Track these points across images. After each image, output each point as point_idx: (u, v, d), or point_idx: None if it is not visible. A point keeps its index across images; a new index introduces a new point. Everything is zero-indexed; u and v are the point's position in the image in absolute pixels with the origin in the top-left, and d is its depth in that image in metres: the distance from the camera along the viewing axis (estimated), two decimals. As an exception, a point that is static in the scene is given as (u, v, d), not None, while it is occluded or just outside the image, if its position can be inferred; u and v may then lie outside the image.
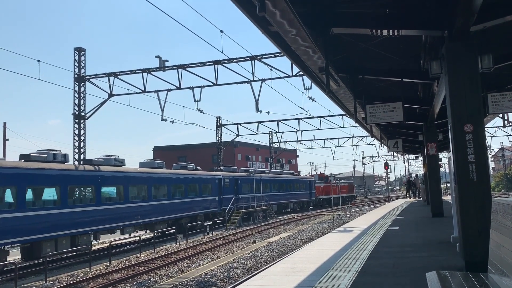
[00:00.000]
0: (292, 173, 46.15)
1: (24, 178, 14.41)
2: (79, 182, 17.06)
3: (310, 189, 45.27)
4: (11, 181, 14.04)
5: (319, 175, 52.91)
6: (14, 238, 14.08)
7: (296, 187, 42.34)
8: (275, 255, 15.09)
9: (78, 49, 25.67)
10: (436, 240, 10.29)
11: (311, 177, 49.36)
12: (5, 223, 13.58)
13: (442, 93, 8.96)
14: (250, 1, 6.01)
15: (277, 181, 38.47)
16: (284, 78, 23.66)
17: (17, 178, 14.17)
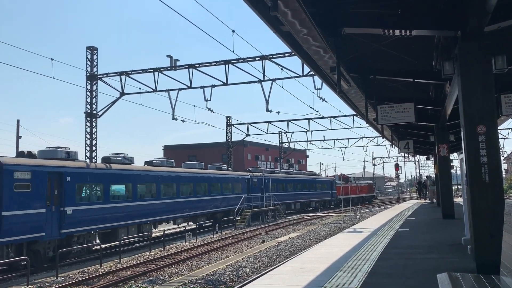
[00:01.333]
0: (314, 174, 48.72)
1: (108, 177, 17.74)
2: (144, 180, 20.14)
3: (331, 189, 47.47)
4: (100, 179, 17.33)
5: (340, 176, 54.93)
6: (101, 224, 17.28)
7: (318, 187, 44.69)
8: (284, 255, 15.09)
9: (91, 48, 25.89)
10: (447, 242, 10.20)
11: (332, 178, 51.56)
12: (95, 213, 16.84)
13: (455, 94, 8.88)
14: (262, 1, 6.02)
15: (301, 181, 40.99)
16: (294, 78, 23.62)
17: (103, 177, 17.49)
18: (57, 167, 15.50)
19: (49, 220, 14.87)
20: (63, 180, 15.57)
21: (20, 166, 14.15)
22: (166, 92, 25.62)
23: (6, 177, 13.50)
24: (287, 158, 59.04)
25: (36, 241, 14.48)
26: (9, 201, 13.52)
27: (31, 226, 14.15)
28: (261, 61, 23.35)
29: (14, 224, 13.61)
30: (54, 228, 15.10)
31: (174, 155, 53.98)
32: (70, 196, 15.75)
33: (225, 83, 24.36)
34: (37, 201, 14.51)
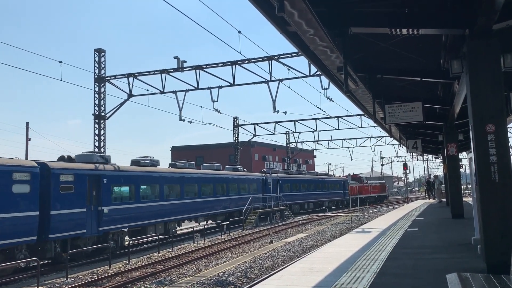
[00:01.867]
0: (327, 174, 49.66)
1: (138, 179, 19.09)
2: (170, 181, 21.47)
3: (344, 189, 48.48)
4: (131, 181, 18.70)
5: (352, 176, 55.38)
6: (133, 222, 18.59)
7: (331, 187, 45.69)
8: (292, 255, 15.07)
9: (98, 50, 26.07)
10: (456, 241, 10.13)
11: (345, 178, 52.08)
12: (128, 211, 18.21)
13: (463, 93, 8.82)
14: (268, 1, 6.02)
15: (314, 181, 42.04)
16: (301, 78, 23.60)
17: (134, 179, 18.86)
18: (95, 170, 16.96)
19: (89, 218, 16.25)
20: (100, 182, 16.95)
21: (65, 170, 15.51)
22: (173, 93, 25.74)
23: (53, 180, 14.91)
24: (295, 158, 58.96)
25: (78, 237, 15.88)
26: (56, 201, 14.91)
27: (74, 224, 15.54)
28: (268, 61, 23.36)
29: (61, 222, 14.97)
30: (93, 226, 16.48)
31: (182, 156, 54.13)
32: (106, 196, 17.17)
33: (232, 84, 24.41)
34: (79, 201, 15.90)
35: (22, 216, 13.60)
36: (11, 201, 13.38)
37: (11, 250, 13.65)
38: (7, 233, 13.12)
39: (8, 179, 13.36)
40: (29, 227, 13.83)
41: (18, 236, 13.47)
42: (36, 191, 14.19)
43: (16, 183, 13.57)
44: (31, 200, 14.00)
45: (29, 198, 13.92)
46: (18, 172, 13.70)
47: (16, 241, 13.48)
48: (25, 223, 13.72)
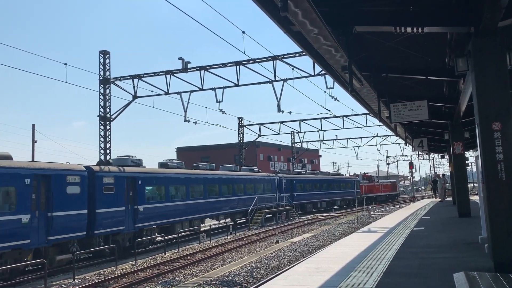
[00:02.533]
0: (338, 174, 51.69)
1: (167, 180, 20.83)
2: (194, 182, 23.29)
3: (355, 188, 49.49)
4: (162, 182, 20.43)
5: (363, 175, 56.75)
6: (163, 220, 20.23)
7: (342, 186, 46.94)
8: (298, 255, 15.06)
9: (103, 52, 26.16)
10: (463, 240, 10.08)
11: (356, 177, 53.74)
12: (159, 210, 19.88)
13: (469, 91, 8.77)
14: (272, 1, 6.02)
15: (326, 181, 43.65)
16: (306, 78, 23.55)
17: (164, 180, 20.61)
18: (132, 173, 18.62)
19: (127, 216, 17.96)
20: (135, 183, 18.63)
21: (107, 173, 17.23)
22: (178, 94, 25.77)
23: (97, 182, 16.59)
24: (300, 158, 58.83)
25: (118, 233, 17.47)
26: (100, 201, 16.57)
27: (115, 221, 17.24)
28: (272, 61, 23.33)
29: (104, 219, 16.66)
30: (131, 223, 18.21)
31: (187, 157, 54.18)
32: (141, 196, 18.84)
33: (237, 84, 24.39)
34: (119, 201, 17.58)
35: (75, 214, 15.37)
36: (66, 201, 15.09)
37: (65, 244, 15.21)
38: (63, 229, 14.87)
39: (64, 181, 15.12)
40: (80, 223, 15.61)
41: (72, 231, 15.27)
42: (85, 192, 15.95)
43: (69, 185, 15.33)
44: (81, 200, 15.73)
45: (79, 198, 15.66)
46: (70, 175, 15.43)
47: (71, 235, 15.28)
48: (77, 220, 15.50)
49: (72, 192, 15.35)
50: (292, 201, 34.91)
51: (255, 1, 6.32)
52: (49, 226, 14.41)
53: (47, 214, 14.47)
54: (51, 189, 14.62)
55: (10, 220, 13.16)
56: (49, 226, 14.41)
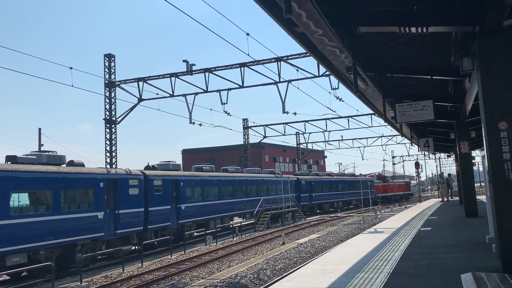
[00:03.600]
0: (353, 175, 53.65)
1: (203, 182, 23.51)
2: (225, 183, 25.69)
3: (370, 188, 50.84)
4: (198, 184, 23.13)
5: (378, 176, 58.83)
6: (200, 217, 22.67)
7: (357, 186, 48.32)
8: (304, 257, 15.03)
9: (108, 56, 26.28)
10: (470, 240, 10.02)
11: (371, 177, 56.03)
12: (197, 208, 22.44)
13: (474, 90, 8.72)
14: (275, 3, 6.02)
15: (342, 182, 45.52)
16: (310, 79, 23.55)
17: (201, 182, 23.26)
18: (175, 176, 21.24)
19: (172, 213, 20.48)
20: (178, 185, 21.15)
21: (156, 176, 19.71)
22: (183, 96, 25.86)
23: (150, 184, 19.03)
24: (305, 159, 58.76)
25: (165, 228, 19.95)
26: (152, 200, 19.01)
27: (163, 218, 19.76)
28: (277, 62, 23.36)
29: (154, 216, 19.08)
30: (175, 219, 20.73)
31: (192, 159, 54.30)
32: (183, 196, 21.38)
33: (241, 86, 24.43)
34: (165, 200, 20.05)
35: (135, 212, 17.96)
36: (128, 200, 17.66)
37: (128, 237, 17.80)
38: (127, 224, 17.49)
39: (126, 184, 17.71)
40: (139, 219, 18.17)
41: (133, 226, 17.90)
42: (142, 193, 18.47)
43: (131, 187, 17.87)
44: (139, 200, 18.30)
45: (138, 198, 18.22)
46: (131, 179, 18.03)
47: (133, 230, 17.90)
48: (137, 216, 18.04)
49: (133, 193, 18.01)
50: (311, 201, 37.85)
51: (258, 3, 6.33)
52: (116, 222, 17.07)
53: (115, 212, 17.10)
54: (118, 191, 17.29)
55: (89, 216, 15.91)
56: (117, 222, 17.08)
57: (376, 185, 53.69)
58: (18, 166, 13.77)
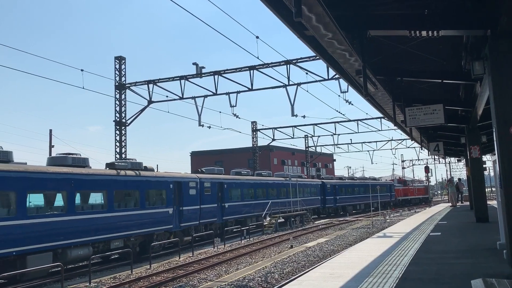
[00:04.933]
0: (375, 179, 56.01)
1: (242, 185, 26.61)
2: (260, 186, 28.89)
3: (390, 191, 53.85)
4: (239, 186, 26.28)
5: (398, 179, 62.01)
6: (240, 215, 25.98)
7: (378, 190, 50.74)
8: (313, 260, 14.97)
9: (119, 58, 26.50)
10: (481, 246, 9.91)
11: (391, 181, 59.36)
12: (237, 207, 25.75)
13: (486, 94, 8.66)
14: (285, 7, 6.04)
15: (364, 185, 47.76)
16: (320, 82, 23.52)
17: (240, 185, 26.49)
18: (220, 179, 24.38)
19: (218, 211, 23.61)
20: (223, 187, 24.28)
21: (206, 179, 22.97)
22: (192, 99, 25.97)
23: (201, 186, 22.28)
24: (314, 162, 58.59)
25: (213, 223, 23.25)
26: (203, 200, 22.26)
27: (211, 214, 22.99)
28: (286, 65, 23.36)
29: (205, 212, 22.26)
30: (220, 216, 23.89)
31: (201, 161, 54.38)
32: (227, 196, 24.59)
33: (250, 89, 24.48)
34: (213, 199, 23.25)
35: (193, 209, 21.40)
36: (189, 199, 21.04)
37: (188, 230, 20.92)
38: (188, 219, 20.86)
39: (187, 186, 21.12)
40: (196, 215, 21.49)
41: (192, 220, 21.22)
42: (198, 193, 21.84)
43: (191, 188, 21.30)
44: (196, 199, 21.67)
45: (195, 197, 21.62)
46: (191, 181, 21.51)
47: (192, 223, 21.21)
48: (194, 212, 21.43)
49: (192, 193, 21.41)
50: (335, 203, 40.70)
51: (269, 6, 6.35)
52: (181, 216, 20.36)
53: (180, 208, 20.39)
54: (182, 191, 20.67)
55: (163, 211, 19.30)
56: (181, 216, 20.37)
57: (396, 188, 56.16)
58: (121, 171, 17.53)
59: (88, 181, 15.73)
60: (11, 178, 13.04)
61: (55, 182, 14.48)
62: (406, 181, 63.12)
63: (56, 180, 14.50)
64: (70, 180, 14.87)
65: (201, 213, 21.92)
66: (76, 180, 15.10)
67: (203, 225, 22.35)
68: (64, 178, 14.71)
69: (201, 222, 21.92)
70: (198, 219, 21.74)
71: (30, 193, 13.69)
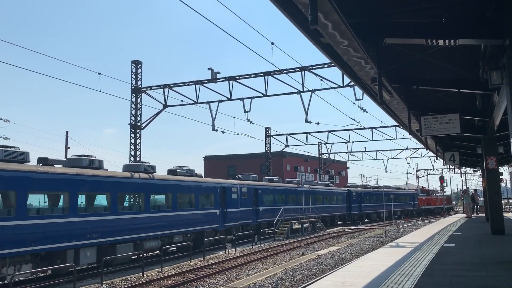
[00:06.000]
0: (398, 188, 58.41)
1: (274, 191, 29.43)
2: (292, 193, 31.92)
3: (413, 200, 56.01)
4: (271, 192, 28.99)
5: (422, 189, 63.86)
6: (271, 218, 27.80)
7: (402, 199, 53.53)
8: (324, 268, 14.86)
9: (136, 62, 26.81)
10: (496, 258, 9.73)
11: (414, 190, 61.27)
12: (269, 211, 27.98)
13: (503, 104, 8.53)
14: (302, 14, 6.05)
15: (388, 194, 48.72)
16: (334, 89, 23.44)
17: (272, 191, 29.23)
18: (255, 185, 27.47)
19: (253, 213, 26.38)
20: (257, 192, 27.20)
21: (244, 185, 25.85)
22: (207, 104, 26.11)
23: (240, 191, 25.08)
24: (327, 169, 58.32)
25: (248, 224, 25.87)
26: (241, 203, 25.06)
27: (248, 216, 25.71)
28: (301, 72, 23.35)
29: (242, 214, 25.00)
30: (254, 218, 26.62)
31: (214, 166, 54.50)
32: (260, 201, 27.35)
33: (265, 95, 24.53)
34: (249, 203, 26.07)
35: (235, 210, 24.33)
36: (232, 202, 24.01)
37: (230, 229, 23.69)
38: (231, 219, 23.73)
39: (230, 191, 24.13)
40: (236, 216, 24.38)
41: (234, 221, 24.14)
42: (238, 197, 24.69)
43: (232, 193, 24.26)
44: (237, 202, 24.61)
45: (236, 201, 24.50)
46: (233, 187, 24.51)
47: (234, 224, 24.15)
48: (235, 214, 24.26)
49: (234, 197, 24.32)
50: (360, 211, 43.26)
51: (284, 13, 6.38)
52: (225, 217, 23.13)
53: (224, 210, 23.16)
54: (226, 195, 23.53)
55: (212, 212, 22.27)
56: (225, 217, 23.15)
57: (420, 197, 58.19)
58: (179, 177, 20.62)
59: (158, 185, 18.94)
60: (108, 183, 16.28)
61: (136, 186, 17.70)
62: (430, 190, 65.02)
63: (137, 184, 17.73)
64: (145, 184, 18.08)
65: (240, 215, 24.80)
66: (149, 184, 18.29)
67: (241, 226, 25.13)
68: (142, 183, 17.97)
69: (240, 223, 24.77)
70: (238, 220, 24.59)
71: (121, 194, 17.07)
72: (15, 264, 12.78)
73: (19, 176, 13.02)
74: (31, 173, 13.45)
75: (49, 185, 14.07)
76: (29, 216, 13.25)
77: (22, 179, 13.09)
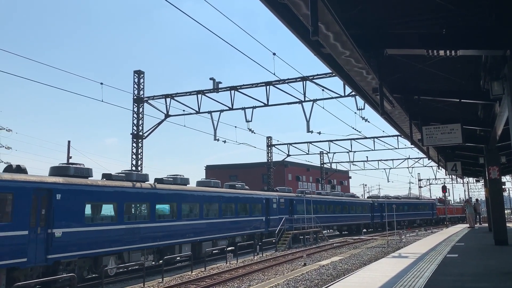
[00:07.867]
0: (417, 198, 63.04)
1: (306, 202, 32.78)
2: (319, 203, 35.59)
3: (432, 210, 60.00)
4: (303, 203, 32.54)
5: (439, 199, 67.19)
6: (301, 224, 31.30)
7: (421, 208, 57.21)
8: (326, 279, 14.75)
9: (138, 72, 26.91)
10: (500, 269, 9.65)
11: (433, 200, 65.28)
12: (301, 219, 31.38)
13: (505, 115, 8.53)
14: (303, 25, 6.09)
15: (408, 204, 53.69)
16: (336, 99, 23.47)
17: (305, 202, 32.64)
18: (290, 197, 31.60)
19: (289, 221, 29.93)
20: (292, 203, 31.30)
21: (281, 197, 30.11)
22: (208, 113, 26.13)
23: (278, 201, 29.44)
24: (329, 179, 58.23)
25: (280, 230, 28.39)
26: (280, 211, 29.37)
27: (277, 224, 28.58)
28: (302, 82, 23.39)
29: (273, 221, 28.43)
30: (291, 225, 30.33)
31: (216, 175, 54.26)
32: (295, 210, 31.51)
33: (266, 104, 24.54)
34: (286, 212, 30.18)
35: (276, 218, 28.54)
36: (273, 211, 28.55)
37: (272, 233, 27.67)
38: (273, 225, 28.02)
39: (271, 201, 28.57)
40: (277, 223, 28.36)
41: (275, 227, 28.10)
42: (278, 206, 29.12)
43: (273, 203, 28.76)
44: (277, 211, 28.86)
45: (276, 210, 28.84)
46: (273, 198, 28.93)
47: (275, 229, 27.93)
48: (276, 221, 28.39)
49: (274, 207, 28.79)
50: (382, 219, 46.44)
51: (286, 24, 6.42)
52: (268, 223, 27.78)
53: (267, 217, 27.74)
54: (269, 205, 28.04)
55: (259, 219, 27.13)
56: (268, 223, 27.79)
57: (438, 207, 61.97)
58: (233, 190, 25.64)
59: (226, 197, 24.11)
60: (201, 196, 21.89)
61: (212, 198, 22.79)
62: (446, 200, 67.39)
63: (212, 197, 22.86)
64: (218, 197, 23.36)
65: (279, 221, 28.65)
66: (221, 197, 23.59)
67: (279, 231, 28.37)
68: (216, 196, 23.22)
69: (280, 228, 28.32)
70: (278, 225, 28.29)
71: (206, 205, 22.23)
72: (147, 254, 17.85)
73: (151, 193, 18.61)
74: (157, 189, 19.15)
75: (167, 199, 19.83)
76: (157, 221, 18.56)
77: (154, 194, 18.82)
